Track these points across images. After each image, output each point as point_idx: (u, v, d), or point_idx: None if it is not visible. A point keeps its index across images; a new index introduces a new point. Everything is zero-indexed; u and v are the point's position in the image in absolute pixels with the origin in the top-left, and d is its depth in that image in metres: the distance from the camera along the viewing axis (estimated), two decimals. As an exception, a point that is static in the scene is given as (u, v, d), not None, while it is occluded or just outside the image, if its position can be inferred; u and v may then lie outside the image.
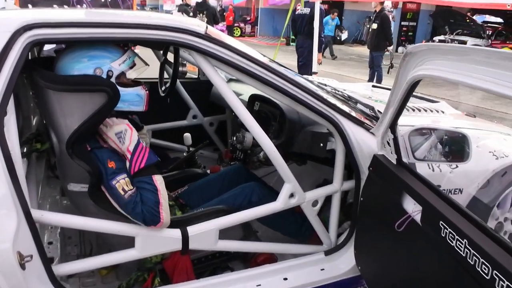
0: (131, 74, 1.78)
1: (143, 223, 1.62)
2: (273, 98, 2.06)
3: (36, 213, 1.52)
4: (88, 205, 1.70)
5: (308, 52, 6.39)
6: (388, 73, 8.39)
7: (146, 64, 1.82)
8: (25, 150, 1.80)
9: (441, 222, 1.43)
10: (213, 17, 10.16)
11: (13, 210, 1.38)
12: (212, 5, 10.95)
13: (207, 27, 1.78)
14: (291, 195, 1.96)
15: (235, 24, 22.03)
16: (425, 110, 2.60)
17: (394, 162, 1.80)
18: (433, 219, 1.48)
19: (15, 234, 1.36)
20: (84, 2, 11.31)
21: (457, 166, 2.13)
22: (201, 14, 9.93)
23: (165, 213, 1.65)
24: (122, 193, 1.59)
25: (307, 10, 6.26)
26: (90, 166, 1.58)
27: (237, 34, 21.74)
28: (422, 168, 2.00)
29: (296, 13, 6.57)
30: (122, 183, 1.60)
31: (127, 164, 1.64)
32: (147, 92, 1.79)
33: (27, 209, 1.44)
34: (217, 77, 1.78)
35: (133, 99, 1.75)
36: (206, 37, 1.70)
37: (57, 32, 1.49)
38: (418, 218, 1.54)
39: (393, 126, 1.75)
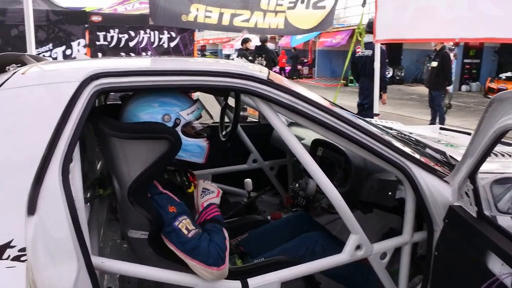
0: (196, 126, 1.79)
1: (204, 262, 1.56)
2: (337, 144, 1.98)
3: (97, 260, 1.52)
4: (147, 253, 1.68)
5: (370, 94, 6.29)
6: (445, 113, 8.07)
7: (211, 117, 1.84)
8: (88, 195, 1.82)
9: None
10: (272, 60, 10.32)
11: (74, 257, 1.38)
12: (270, 48, 11.15)
13: (269, 73, 1.76)
14: (358, 247, 1.84)
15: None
16: (502, 155, 2.41)
17: (474, 214, 1.64)
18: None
19: (74, 282, 1.36)
20: (149, 49, 11.97)
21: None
22: (260, 58, 10.12)
23: (227, 261, 1.61)
24: (186, 232, 1.58)
25: (368, 52, 6.19)
26: (150, 214, 1.57)
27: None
28: (504, 221, 1.81)
29: (356, 55, 6.51)
30: (184, 223, 1.60)
31: (196, 216, 1.72)
32: (209, 145, 1.80)
33: (87, 256, 1.44)
34: (279, 122, 1.75)
35: (194, 150, 1.75)
36: (269, 82, 1.68)
37: (122, 81, 1.53)
38: (508, 282, 1.36)
39: (473, 175, 1.61)
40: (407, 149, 1.93)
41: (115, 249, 2.26)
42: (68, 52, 10.88)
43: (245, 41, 11.18)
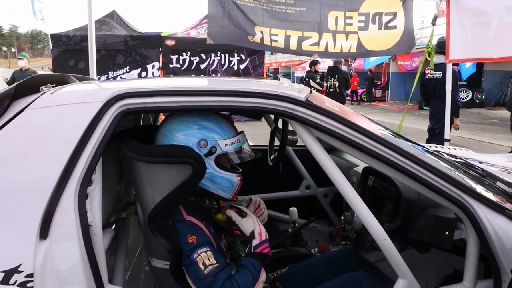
0: (233, 159, 1.67)
1: None
2: (388, 174, 1.78)
3: None
4: (171, 284, 1.57)
5: (442, 118, 5.91)
6: None
7: (252, 156, 1.72)
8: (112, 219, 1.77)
9: None
10: (345, 82, 10.10)
11: (84, 286, 1.31)
12: (344, 70, 10.92)
13: (310, 92, 1.61)
14: None
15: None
16: None
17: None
18: None
19: None
20: (219, 71, 12.28)
21: None
22: (332, 79, 9.96)
23: None
24: (202, 267, 1.45)
25: (439, 74, 5.81)
26: (170, 244, 1.47)
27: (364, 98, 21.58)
28: None
29: (426, 77, 6.12)
30: (203, 256, 1.47)
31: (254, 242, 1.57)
32: (241, 182, 1.67)
33: (101, 285, 1.36)
34: (318, 148, 1.59)
35: (224, 184, 1.64)
36: (306, 104, 1.53)
37: (148, 101, 1.47)
38: None
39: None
40: (469, 182, 1.68)
41: (150, 275, 2.18)
42: (143, 74, 11.46)
43: (314, 63, 11.10)
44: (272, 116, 2.80)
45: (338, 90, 9.86)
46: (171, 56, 11.84)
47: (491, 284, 1.64)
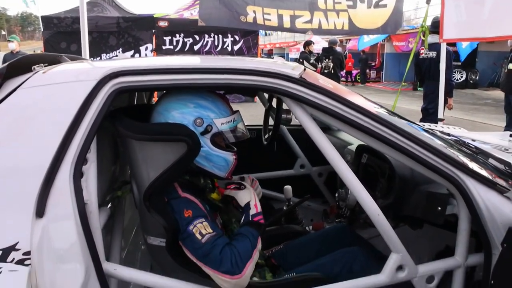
0: (228, 137, 1.68)
1: (216, 268, 1.45)
2: (380, 151, 1.79)
3: (109, 267, 1.45)
4: (167, 261, 1.59)
5: (435, 98, 5.93)
6: None
7: (247, 135, 1.73)
8: (107, 198, 1.78)
9: None
10: (340, 63, 10.10)
11: (81, 263, 1.32)
12: (339, 51, 10.89)
13: (304, 70, 1.61)
14: (399, 268, 1.64)
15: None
16: None
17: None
18: None
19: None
20: (213, 52, 12.19)
21: None
22: (327, 60, 9.93)
23: (248, 272, 1.48)
24: (199, 237, 1.47)
25: (433, 54, 5.79)
26: (166, 221, 1.48)
27: (358, 80, 21.54)
28: None
29: (420, 57, 6.11)
30: (199, 226, 1.49)
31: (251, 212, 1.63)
32: (236, 161, 1.68)
33: (98, 263, 1.38)
34: (312, 125, 1.59)
35: (219, 162, 1.65)
36: (300, 81, 1.53)
37: (142, 79, 1.46)
38: None
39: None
40: (461, 158, 1.69)
41: (144, 254, 2.20)
42: (136, 56, 11.36)
43: (308, 44, 11.05)
44: (266, 96, 2.80)
45: (332, 71, 9.83)
46: (164, 38, 11.73)
47: (481, 258, 1.67)
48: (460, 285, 1.71)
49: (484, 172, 1.69)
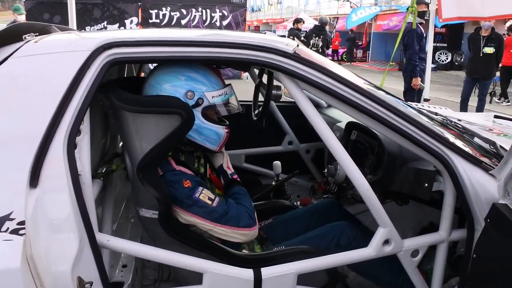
0: (220, 111, 1.70)
1: (236, 225, 1.60)
2: (370, 127, 1.82)
3: (102, 238, 1.47)
4: (159, 233, 1.61)
5: (410, 78, 6.09)
6: (490, 102, 7.44)
7: (239, 109, 1.75)
8: (103, 171, 1.77)
9: None
10: (327, 43, 10.18)
11: (75, 233, 1.33)
12: (328, 31, 10.93)
13: (297, 46, 1.61)
14: (386, 242, 1.68)
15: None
16: None
17: (521, 215, 1.44)
18: None
19: (75, 258, 1.31)
20: (200, 27, 11.99)
21: None
22: (316, 38, 9.93)
23: (257, 221, 1.66)
24: (209, 202, 1.57)
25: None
26: (159, 193, 1.49)
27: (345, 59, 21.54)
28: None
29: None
30: (205, 193, 1.58)
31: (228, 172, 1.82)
32: (228, 134, 1.71)
33: (92, 233, 1.39)
34: (304, 100, 1.60)
35: (210, 135, 1.67)
36: (294, 57, 1.54)
37: (135, 51, 1.45)
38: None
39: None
40: (449, 137, 1.73)
41: (135, 226, 2.22)
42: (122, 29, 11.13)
43: (298, 21, 11.03)
44: (257, 71, 2.79)
45: (320, 50, 9.83)
46: (150, 11, 11.49)
47: (465, 233, 1.73)
48: (443, 259, 1.77)
49: (470, 150, 1.74)
